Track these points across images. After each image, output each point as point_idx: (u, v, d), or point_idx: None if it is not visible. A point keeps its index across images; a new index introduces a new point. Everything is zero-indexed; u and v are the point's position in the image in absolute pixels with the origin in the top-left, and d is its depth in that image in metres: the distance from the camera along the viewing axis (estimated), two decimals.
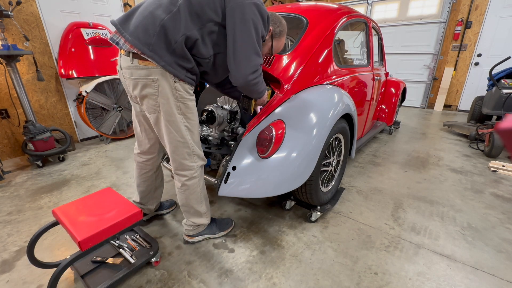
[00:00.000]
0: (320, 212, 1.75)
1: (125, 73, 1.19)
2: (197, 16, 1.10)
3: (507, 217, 1.82)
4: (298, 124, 1.48)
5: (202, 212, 1.49)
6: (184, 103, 1.22)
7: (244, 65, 1.15)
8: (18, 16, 2.80)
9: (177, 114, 1.22)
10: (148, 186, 1.64)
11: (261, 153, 1.42)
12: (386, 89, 3.37)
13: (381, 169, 2.58)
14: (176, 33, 1.07)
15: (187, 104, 1.23)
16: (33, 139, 2.61)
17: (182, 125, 1.25)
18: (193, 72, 1.21)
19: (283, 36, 1.40)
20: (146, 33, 1.06)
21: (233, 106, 1.84)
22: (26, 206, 2.00)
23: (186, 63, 1.15)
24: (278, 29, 1.36)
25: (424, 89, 5.62)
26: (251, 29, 1.11)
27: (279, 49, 1.45)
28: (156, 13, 1.07)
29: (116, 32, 1.14)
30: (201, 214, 1.50)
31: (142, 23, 1.07)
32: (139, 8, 1.13)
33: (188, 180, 1.37)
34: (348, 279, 1.32)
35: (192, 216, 1.49)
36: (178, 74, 1.14)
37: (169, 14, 1.06)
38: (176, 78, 1.15)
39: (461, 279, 1.32)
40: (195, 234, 1.55)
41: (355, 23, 2.31)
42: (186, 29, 1.08)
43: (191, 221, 1.50)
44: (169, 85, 1.15)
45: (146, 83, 1.14)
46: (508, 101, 3.29)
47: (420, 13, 5.29)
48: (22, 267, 1.42)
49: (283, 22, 1.38)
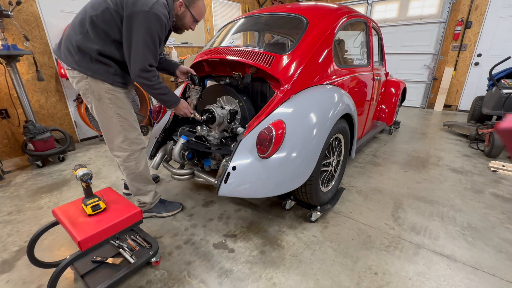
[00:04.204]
0: (320, 212, 1.75)
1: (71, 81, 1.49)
2: (105, 33, 1.34)
3: (507, 217, 1.82)
4: (298, 124, 1.48)
5: (144, 191, 1.73)
6: (114, 94, 1.47)
7: (135, 63, 1.34)
8: (18, 16, 2.80)
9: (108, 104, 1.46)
10: None
11: (261, 153, 1.42)
12: (386, 89, 3.37)
13: (381, 169, 2.58)
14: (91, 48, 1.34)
15: (116, 95, 1.48)
16: (33, 139, 2.61)
17: (114, 113, 1.49)
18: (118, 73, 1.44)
19: (199, 0, 1.48)
20: (70, 55, 1.37)
21: (233, 106, 1.84)
22: (26, 206, 2.00)
23: (109, 67, 1.40)
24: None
25: (424, 89, 5.62)
26: (140, 36, 1.30)
27: (202, 13, 1.53)
28: (70, 35, 1.36)
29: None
30: (144, 193, 1.73)
31: (65, 47, 1.39)
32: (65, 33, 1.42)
33: (124, 162, 1.60)
34: (348, 279, 1.32)
35: (136, 194, 1.73)
36: (103, 79, 1.40)
37: (81, 34, 1.33)
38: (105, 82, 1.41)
39: (461, 279, 1.32)
40: (143, 211, 1.76)
41: (355, 23, 2.31)
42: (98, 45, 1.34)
43: (137, 198, 1.75)
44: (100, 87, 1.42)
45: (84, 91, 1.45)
46: (508, 101, 3.29)
47: (420, 13, 5.29)
48: (22, 267, 1.42)
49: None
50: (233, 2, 5.49)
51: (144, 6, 1.27)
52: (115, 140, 1.56)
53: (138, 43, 1.30)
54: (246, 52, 1.74)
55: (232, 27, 2.32)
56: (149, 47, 1.32)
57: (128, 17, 1.28)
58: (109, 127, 1.53)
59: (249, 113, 1.78)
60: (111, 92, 1.45)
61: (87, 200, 1.23)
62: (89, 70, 1.37)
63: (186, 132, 2.01)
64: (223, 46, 2.01)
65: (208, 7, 4.96)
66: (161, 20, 1.32)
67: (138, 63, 1.33)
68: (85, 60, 1.36)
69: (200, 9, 1.51)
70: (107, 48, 1.35)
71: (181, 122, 2.12)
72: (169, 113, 2.09)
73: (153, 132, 2.09)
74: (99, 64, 1.38)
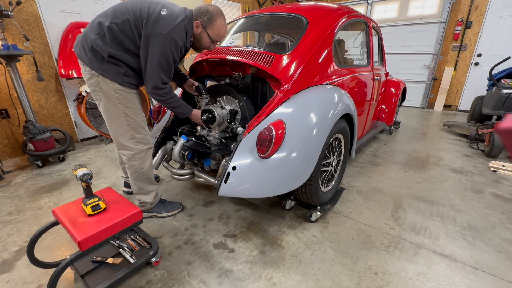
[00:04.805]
0: (320, 212, 1.75)
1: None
2: (120, 41, 1.38)
3: (507, 217, 1.82)
4: (298, 124, 1.48)
5: (146, 191, 1.73)
6: (123, 94, 1.49)
7: (149, 81, 1.42)
8: (18, 16, 2.80)
9: (116, 103, 1.49)
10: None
11: (261, 153, 1.42)
12: (386, 89, 3.37)
13: (381, 169, 2.58)
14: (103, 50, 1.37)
15: (125, 95, 1.49)
16: (33, 139, 2.61)
17: (122, 112, 1.51)
18: (128, 74, 1.46)
19: (216, 20, 1.45)
20: (84, 52, 1.42)
21: (233, 106, 1.84)
22: (26, 206, 2.00)
23: (119, 68, 1.43)
24: (206, 17, 1.43)
25: (424, 89, 5.62)
26: (155, 56, 1.35)
27: (221, 34, 1.50)
28: (87, 34, 1.40)
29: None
30: (146, 193, 1.74)
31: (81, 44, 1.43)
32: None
33: (129, 160, 1.61)
34: (348, 279, 1.32)
35: (138, 193, 1.74)
36: (113, 79, 1.42)
37: (97, 36, 1.36)
38: (114, 82, 1.44)
39: (461, 279, 1.32)
40: (144, 210, 1.77)
41: (355, 23, 2.31)
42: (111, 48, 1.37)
43: (138, 197, 1.75)
44: (109, 86, 1.45)
45: (94, 89, 1.48)
46: (508, 101, 3.29)
47: (420, 13, 5.29)
48: (22, 267, 1.42)
49: (209, 8, 1.44)
50: (233, 2, 5.49)
51: (163, 28, 1.31)
52: (121, 139, 1.58)
53: (153, 63, 1.36)
54: (246, 52, 1.74)
55: (232, 27, 2.32)
56: (163, 67, 1.39)
57: (146, 37, 1.33)
58: (116, 126, 1.55)
59: (249, 113, 1.78)
60: (119, 92, 1.47)
61: (87, 200, 1.23)
62: (100, 69, 1.40)
63: (186, 132, 2.01)
64: (223, 46, 2.01)
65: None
66: (178, 44, 1.37)
67: (151, 81, 1.41)
68: (96, 59, 1.40)
69: (218, 30, 1.47)
70: (119, 53, 1.39)
71: (181, 122, 2.12)
72: (169, 113, 2.09)
73: (153, 132, 2.09)
74: (110, 64, 1.41)
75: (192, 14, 1.43)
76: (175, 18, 1.34)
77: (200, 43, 1.52)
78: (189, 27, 1.42)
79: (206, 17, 1.43)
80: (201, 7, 1.44)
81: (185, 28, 1.39)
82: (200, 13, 1.43)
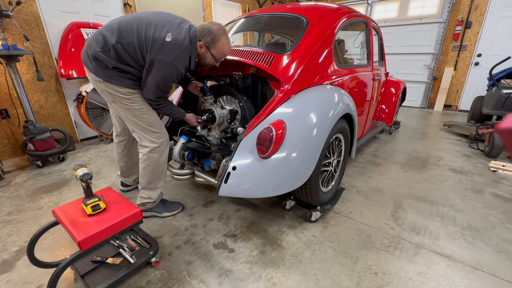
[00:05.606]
0: (320, 212, 1.75)
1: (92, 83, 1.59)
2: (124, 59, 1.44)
3: (507, 217, 1.82)
4: (298, 124, 1.48)
5: (155, 186, 1.74)
6: (133, 95, 1.54)
7: (145, 93, 1.53)
8: (18, 16, 2.80)
9: (129, 103, 1.55)
10: (126, 162, 2.02)
11: (261, 153, 1.42)
12: (386, 89, 3.37)
13: (381, 169, 2.58)
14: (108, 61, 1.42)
15: (136, 95, 1.55)
16: (33, 139, 2.61)
17: (137, 111, 1.56)
18: (133, 78, 1.50)
19: (219, 40, 1.47)
20: (89, 60, 1.47)
21: (233, 106, 1.84)
22: (26, 206, 2.00)
23: (124, 74, 1.48)
24: (209, 38, 1.45)
25: (424, 89, 5.62)
26: (154, 79, 1.43)
27: (224, 52, 1.52)
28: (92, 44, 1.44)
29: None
30: (153, 188, 1.74)
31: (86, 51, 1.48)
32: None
33: (149, 152, 1.63)
34: (348, 279, 1.32)
35: (145, 188, 1.74)
36: (120, 84, 1.47)
37: (101, 49, 1.40)
38: (121, 87, 1.49)
39: (461, 279, 1.32)
40: (144, 210, 1.78)
41: (355, 23, 2.31)
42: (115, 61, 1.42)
43: (143, 192, 1.75)
44: (118, 90, 1.50)
45: (104, 93, 1.55)
46: (508, 101, 3.29)
47: (420, 13, 5.29)
48: (22, 267, 1.42)
49: (212, 28, 1.45)
50: (233, 2, 5.49)
51: (167, 56, 1.36)
52: (143, 133, 1.62)
53: (152, 83, 1.45)
54: (246, 52, 1.74)
55: (232, 27, 2.32)
56: (160, 88, 1.48)
57: (150, 61, 1.39)
58: (134, 123, 1.60)
59: (249, 113, 1.78)
60: (129, 94, 1.51)
61: (87, 200, 1.23)
62: (105, 76, 1.45)
63: (186, 132, 2.01)
64: None
65: (208, 7, 4.96)
66: (179, 71, 1.43)
67: (147, 94, 1.52)
68: (100, 67, 1.45)
69: (221, 49, 1.49)
70: (122, 66, 1.44)
71: (181, 122, 2.12)
72: None
73: None
74: (114, 71, 1.45)
75: (196, 35, 1.45)
76: (179, 46, 1.37)
77: (204, 62, 1.55)
78: (193, 50, 1.46)
79: (209, 38, 1.45)
80: (204, 28, 1.45)
81: (189, 54, 1.44)
82: (204, 34, 1.44)
